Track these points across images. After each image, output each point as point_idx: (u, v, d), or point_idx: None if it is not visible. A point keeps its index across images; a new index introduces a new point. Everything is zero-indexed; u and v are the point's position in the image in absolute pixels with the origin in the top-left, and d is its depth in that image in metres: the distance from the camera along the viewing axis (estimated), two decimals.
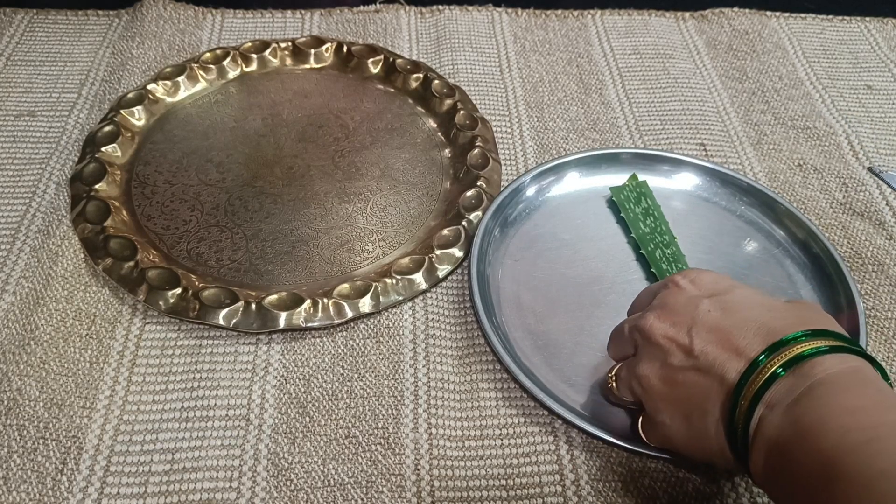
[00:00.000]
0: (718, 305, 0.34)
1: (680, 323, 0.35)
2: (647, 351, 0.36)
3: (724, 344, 0.33)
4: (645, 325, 0.36)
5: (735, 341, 0.32)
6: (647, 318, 0.36)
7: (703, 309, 0.34)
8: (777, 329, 0.32)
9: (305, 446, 0.40)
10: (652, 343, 0.35)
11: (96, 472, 0.39)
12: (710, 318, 0.34)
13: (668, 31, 0.69)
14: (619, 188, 0.52)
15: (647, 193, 0.51)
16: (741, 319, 0.33)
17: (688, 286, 0.37)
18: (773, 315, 0.33)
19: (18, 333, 0.44)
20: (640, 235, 0.49)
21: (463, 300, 0.47)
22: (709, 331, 0.34)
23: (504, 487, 0.39)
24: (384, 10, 0.68)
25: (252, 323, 0.44)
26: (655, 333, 0.35)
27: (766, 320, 0.33)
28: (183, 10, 0.66)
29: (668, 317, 0.35)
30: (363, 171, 0.54)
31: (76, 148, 0.55)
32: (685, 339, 0.34)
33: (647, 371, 0.36)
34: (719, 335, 0.33)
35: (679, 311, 0.35)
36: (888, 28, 0.71)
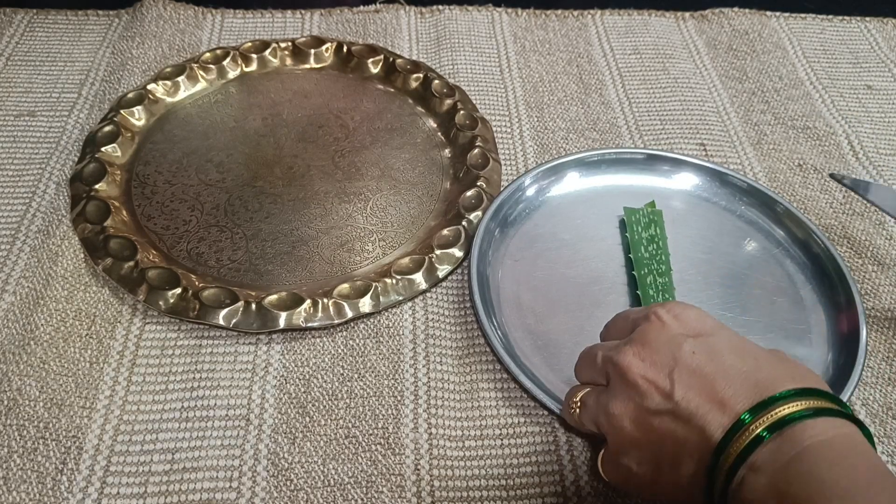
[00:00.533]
0: (703, 348, 0.32)
1: (660, 364, 0.32)
2: (622, 389, 0.33)
3: (707, 392, 0.31)
4: (622, 362, 0.34)
5: (719, 391, 0.30)
6: (624, 353, 0.34)
7: (686, 350, 0.32)
8: (764, 382, 0.30)
9: (305, 446, 0.40)
10: (628, 382, 0.33)
11: (96, 472, 0.39)
12: (694, 362, 0.32)
13: (668, 31, 0.69)
14: (632, 210, 0.51)
15: (659, 223, 0.50)
16: (726, 366, 0.31)
17: (671, 322, 0.34)
18: (759, 364, 0.31)
19: (18, 333, 0.44)
20: (637, 258, 0.48)
21: (463, 300, 0.47)
22: (691, 375, 0.31)
23: (504, 487, 0.39)
24: (384, 10, 0.68)
25: (252, 323, 0.44)
26: (633, 372, 0.33)
27: (752, 370, 0.31)
28: (183, 10, 0.66)
29: (648, 355, 0.33)
30: (363, 171, 0.54)
31: (76, 148, 0.55)
32: (665, 382, 0.32)
33: (619, 410, 0.33)
34: (702, 382, 0.31)
35: (660, 349, 0.33)
36: (888, 28, 0.71)
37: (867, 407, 0.43)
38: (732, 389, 0.30)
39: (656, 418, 0.32)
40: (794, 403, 0.29)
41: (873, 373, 0.45)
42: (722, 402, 0.30)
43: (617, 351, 0.34)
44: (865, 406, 0.43)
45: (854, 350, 0.44)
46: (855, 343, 0.44)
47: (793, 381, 0.30)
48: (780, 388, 0.29)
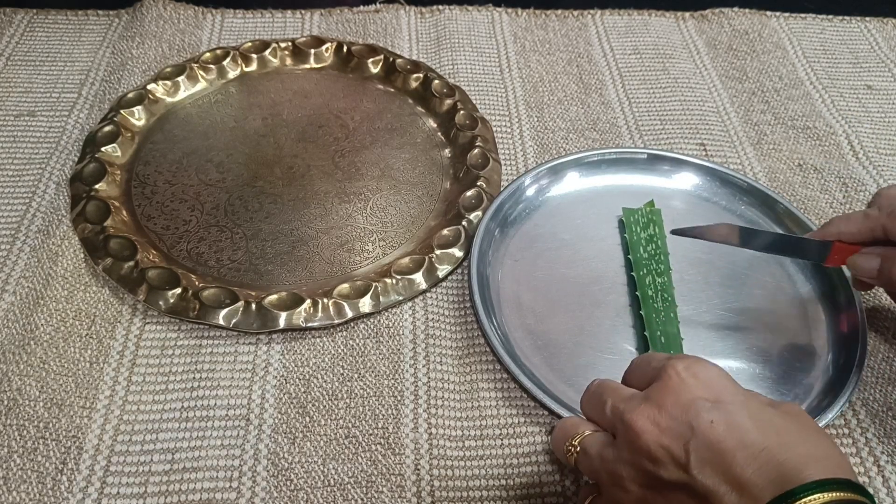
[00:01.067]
0: (722, 418, 0.30)
1: (676, 432, 0.30)
2: (632, 453, 0.31)
3: (724, 471, 0.29)
4: (635, 425, 0.31)
5: (738, 471, 0.29)
6: (638, 415, 0.31)
7: (704, 419, 0.30)
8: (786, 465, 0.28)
9: (305, 446, 0.40)
10: (640, 448, 0.31)
11: (96, 472, 0.39)
12: (712, 434, 0.30)
13: (668, 31, 0.69)
14: (631, 211, 0.51)
15: (658, 222, 0.50)
16: (746, 442, 0.29)
17: (690, 382, 0.32)
18: (780, 441, 0.29)
19: (18, 333, 0.44)
20: (636, 259, 0.48)
21: (463, 300, 0.47)
22: (709, 449, 0.29)
23: (504, 487, 0.39)
24: (384, 10, 0.68)
25: (252, 323, 0.44)
26: (646, 438, 0.31)
27: (772, 446, 0.29)
28: (183, 10, 0.66)
29: (664, 420, 0.31)
30: (363, 171, 0.54)
31: (76, 148, 0.55)
32: (681, 453, 0.30)
33: (628, 474, 0.31)
34: (721, 458, 0.29)
35: (676, 416, 0.31)
36: (888, 28, 0.71)
37: (867, 407, 0.43)
38: (752, 469, 0.29)
39: (668, 489, 0.30)
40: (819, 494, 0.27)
41: (873, 373, 0.45)
42: (740, 483, 0.29)
43: (630, 409, 0.32)
44: (865, 406, 0.43)
45: (854, 350, 0.44)
46: (855, 343, 0.44)
47: (815, 465, 0.28)
48: (803, 473, 0.28)
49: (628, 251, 0.49)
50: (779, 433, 0.30)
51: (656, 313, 0.45)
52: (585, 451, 0.34)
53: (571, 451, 0.34)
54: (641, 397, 0.32)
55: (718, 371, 0.32)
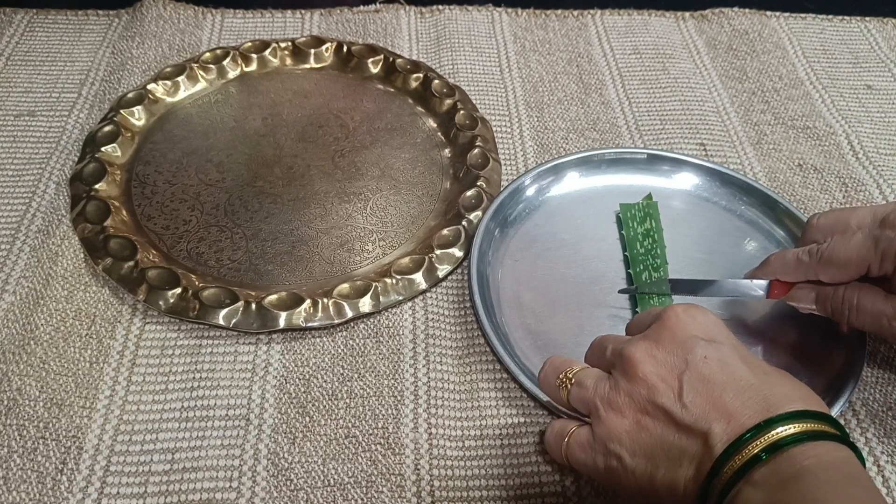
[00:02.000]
0: (715, 354, 0.32)
1: (671, 364, 0.32)
2: (627, 382, 0.33)
3: (714, 401, 0.31)
4: (633, 356, 0.33)
5: (727, 401, 0.30)
6: (636, 347, 0.34)
7: (698, 353, 0.32)
8: (771, 398, 0.30)
9: (305, 446, 0.40)
10: (636, 377, 0.33)
11: (96, 472, 0.39)
12: (705, 367, 0.32)
13: (668, 31, 0.69)
14: (628, 206, 0.51)
15: (654, 216, 0.50)
16: (736, 376, 0.31)
17: (687, 321, 0.34)
18: (769, 380, 0.31)
19: (18, 333, 0.44)
20: (633, 255, 0.48)
21: (463, 300, 0.47)
22: (701, 380, 0.31)
23: (504, 487, 0.39)
24: (384, 10, 0.68)
25: (252, 323, 0.44)
26: (642, 368, 0.33)
27: (761, 384, 0.31)
28: (183, 10, 0.66)
29: (660, 353, 0.33)
30: (363, 171, 0.54)
31: (76, 148, 0.55)
32: (674, 383, 0.32)
33: (623, 400, 0.33)
34: (711, 389, 0.31)
35: (672, 349, 0.33)
36: (888, 28, 0.71)
37: (867, 407, 0.43)
38: (740, 401, 0.30)
39: (661, 414, 0.32)
40: (794, 425, 0.29)
41: (873, 373, 0.45)
42: (728, 413, 0.30)
43: (628, 344, 0.34)
44: (865, 406, 0.43)
45: (854, 350, 0.44)
46: (855, 343, 0.44)
47: (799, 402, 0.30)
48: (784, 407, 0.30)
49: (625, 248, 0.49)
50: (765, 373, 0.32)
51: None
52: (580, 383, 0.35)
53: (565, 384, 0.36)
54: (641, 336, 0.35)
55: (715, 318, 0.35)
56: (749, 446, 0.29)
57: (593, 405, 0.34)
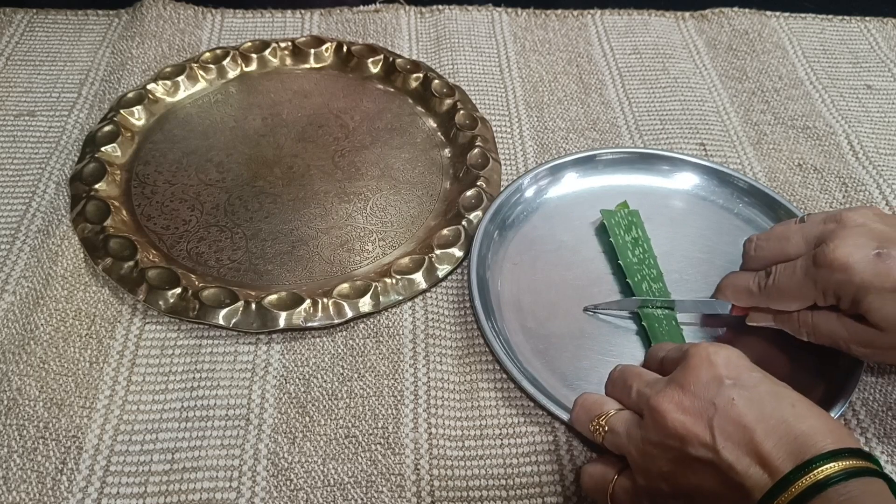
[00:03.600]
0: (742, 395, 0.32)
1: (699, 412, 0.32)
2: (657, 431, 0.33)
3: (747, 445, 0.31)
4: (660, 407, 0.33)
5: (759, 445, 0.31)
6: (662, 397, 0.33)
7: (725, 397, 0.32)
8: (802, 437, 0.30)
9: (305, 446, 0.40)
10: (666, 428, 0.33)
11: (96, 471, 0.39)
12: (734, 411, 0.32)
13: (668, 31, 0.69)
14: (610, 212, 0.50)
15: (638, 224, 0.50)
16: (765, 415, 0.31)
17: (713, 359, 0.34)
18: (797, 413, 0.31)
19: (18, 333, 0.44)
20: (627, 264, 0.48)
21: (463, 300, 0.47)
22: (731, 424, 0.31)
23: (504, 487, 0.39)
24: (384, 9, 0.68)
25: (252, 323, 0.44)
26: (671, 419, 0.33)
27: (790, 419, 0.31)
28: (183, 10, 0.66)
29: (688, 400, 0.33)
30: (363, 171, 0.54)
31: (76, 148, 0.55)
32: (705, 432, 0.32)
33: (656, 452, 0.33)
34: (743, 433, 0.31)
35: (699, 395, 0.33)
36: (888, 28, 0.71)
37: (867, 407, 0.43)
38: (772, 443, 0.30)
39: (695, 464, 0.32)
40: (832, 464, 0.29)
41: (873, 373, 0.45)
42: (761, 456, 0.30)
43: (655, 392, 0.34)
44: (865, 406, 0.43)
45: None
46: None
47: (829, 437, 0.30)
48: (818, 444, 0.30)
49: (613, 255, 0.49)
50: (793, 406, 0.32)
51: (658, 322, 0.45)
52: (613, 430, 0.36)
53: (599, 431, 0.37)
54: (665, 381, 0.35)
55: (737, 353, 0.35)
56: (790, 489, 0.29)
57: (628, 452, 0.35)
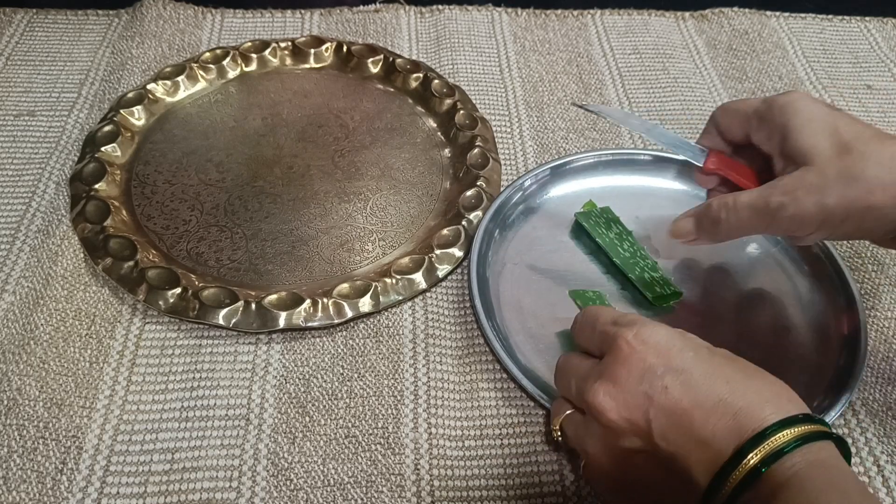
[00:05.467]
0: (675, 380, 0.31)
1: (634, 404, 0.32)
2: (597, 429, 0.33)
3: (686, 432, 0.30)
4: (595, 404, 0.32)
5: (699, 430, 0.30)
6: (595, 393, 0.33)
7: (658, 386, 0.31)
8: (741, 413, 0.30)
9: (305, 446, 0.40)
10: (603, 424, 0.32)
11: (96, 471, 0.39)
12: (668, 399, 0.31)
13: (668, 31, 0.69)
14: (586, 214, 0.50)
15: (615, 219, 0.50)
16: (700, 398, 0.31)
17: (640, 349, 0.33)
18: (732, 388, 0.31)
19: (18, 333, 0.44)
20: (622, 260, 0.48)
21: (463, 300, 0.47)
22: (667, 414, 0.31)
23: (504, 487, 0.39)
24: (384, 9, 0.68)
25: (252, 323, 0.44)
26: (607, 415, 0.32)
27: (727, 397, 0.30)
28: (183, 10, 0.66)
29: (621, 394, 0.32)
30: (363, 171, 0.54)
31: (76, 148, 0.55)
32: (642, 423, 0.31)
33: (597, 450, 0.33)
34: (680, 419, 0.30)
35: (632, 388, 0.32)
36: (888, 28, 0.71)
37: (867, 407, 0.43)
38: (710, 425, 0.30)
39: (637, 457, 0.32)
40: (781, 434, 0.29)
41: (873, 373, 0.45)
42: (703, 442, 0.30)
43: (588, 389, 0.33)
44: (865, 406, 0.43)
45: (854, 350, 0.44)
46: (855, 343, 0.44)
47: (770, 406, 0.30)
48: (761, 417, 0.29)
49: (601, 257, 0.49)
50: (728, 381, 0.31)
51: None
52: (564, 433, 0.37)
53: (556, 436, 0.37)
54: (597, 374, 0.34)
55: (665, 332, 0.33)
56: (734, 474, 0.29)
57: (584, 452, 0.35)
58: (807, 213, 0.36)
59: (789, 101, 0.38)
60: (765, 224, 0.38)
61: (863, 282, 0.50)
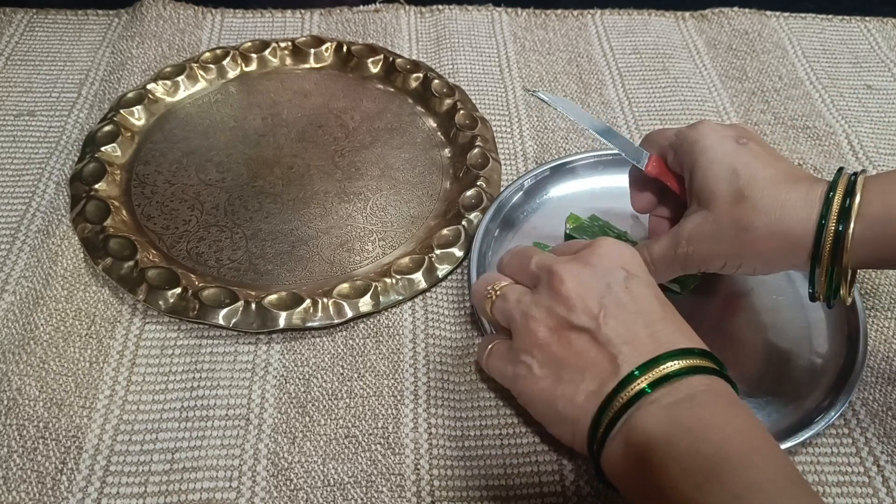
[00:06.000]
0: (635, 285, 0.35)
1: (594, 288, 0.35)
2: (550, 298, 0.35)
3: (628, 327, 0.34)
4: (560, 272, 0.35)
5: (637, 331, 0.34)
6: (564, 267, 0.36)
7: (619, 281, 0.35)
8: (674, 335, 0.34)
9: (305, 446, 0.40)
10: (560, 294, 0.35)
11: (96, 471, 0.39)
12: (625, 296, 0.34)
13: (668, 31, 0.69)
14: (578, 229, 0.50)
15: (607, 224, 0.50)
16: (647, 310, 0.34)
17: (613, 252, 0.36)
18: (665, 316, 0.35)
19: (18, 333, 0.44)
20: None
21: (463, 300, 0.47)
22: (619, 307, 0.34)
23: (504, 487, 0.39)
24: (384, 9, 0.68)
25: (252, 323, 0.44)
26: (568, 286, 0.35)
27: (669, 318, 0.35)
28: (183, 10, 0.66)
29: (587, 275, 0.35)
30: (363, 171, 0.54)
31: (76, 148, 0.55)
32: (595, 305, 0.34)
33: (542, 315, 0.35)
34: (626, 316, 0.34)
35: (597, 275, 0.35)
36: (888, 28, 0.71)
37: (867, 407, 0.43)
38: (648, 332, 0.34)
39: (574, 333, 0.34)
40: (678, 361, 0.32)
41: (873, 373, 0.45)
42: (636, 341, 0.33)
43: (558, 262, 0.36)
44: (865, 406, 0.43)
45: (854, 350, 0.44)
46: (855, 343, 0.44)
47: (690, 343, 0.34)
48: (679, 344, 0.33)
49: None
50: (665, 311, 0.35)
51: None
52: (504, 296, 0.38)
53: (490, 295, 0.38)
54: (570, 257, 0.37)
55: (635, 251, 0.38)
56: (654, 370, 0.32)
57: (512, 317, 0.37)
58: (709, 256, 0.40)
59: (697, 140, 0.40)
60: (680, 268, 0.41)
61: (863, 282, 0.50)
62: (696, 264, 0.40)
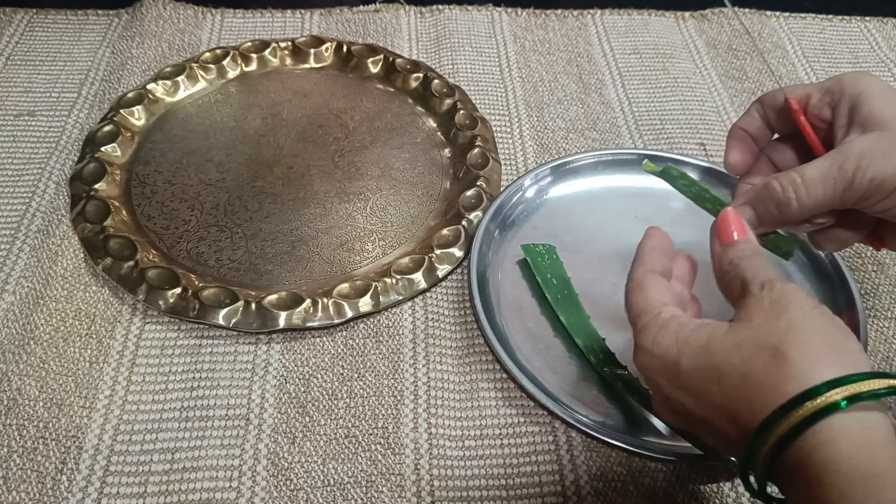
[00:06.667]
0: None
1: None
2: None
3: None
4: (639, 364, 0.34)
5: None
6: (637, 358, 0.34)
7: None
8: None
9: (305, 446, 0.40)
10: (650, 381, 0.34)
11: (96, 471, 0.39)
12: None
13: (668, 31, 0.69)
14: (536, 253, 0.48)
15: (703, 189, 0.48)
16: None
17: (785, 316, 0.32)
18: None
19: (18, 333, 0.44)
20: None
21: (463, 300, 0.47)
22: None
23: (504, 487, 0.39)
24: (384, 9, 0.68)
25: (252, 323, 0.44)
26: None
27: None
28: (183, 10, 0.66)
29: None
30: (363, 171, 0.54)
31: (76, 147, 0.55)
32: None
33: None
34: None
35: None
36: (888, 28, 0.71)
37: None
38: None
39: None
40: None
41: None
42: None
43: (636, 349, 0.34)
44: None
45: None
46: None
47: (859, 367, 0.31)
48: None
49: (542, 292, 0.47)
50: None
51: None
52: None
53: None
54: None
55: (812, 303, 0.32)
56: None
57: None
58: (886, 174, 0.35)
59: (859, 75, 0.39)
60: (840, 194, 0.36)
61: (863, 282, 0.50)
62: (864, 183, 0.35)
